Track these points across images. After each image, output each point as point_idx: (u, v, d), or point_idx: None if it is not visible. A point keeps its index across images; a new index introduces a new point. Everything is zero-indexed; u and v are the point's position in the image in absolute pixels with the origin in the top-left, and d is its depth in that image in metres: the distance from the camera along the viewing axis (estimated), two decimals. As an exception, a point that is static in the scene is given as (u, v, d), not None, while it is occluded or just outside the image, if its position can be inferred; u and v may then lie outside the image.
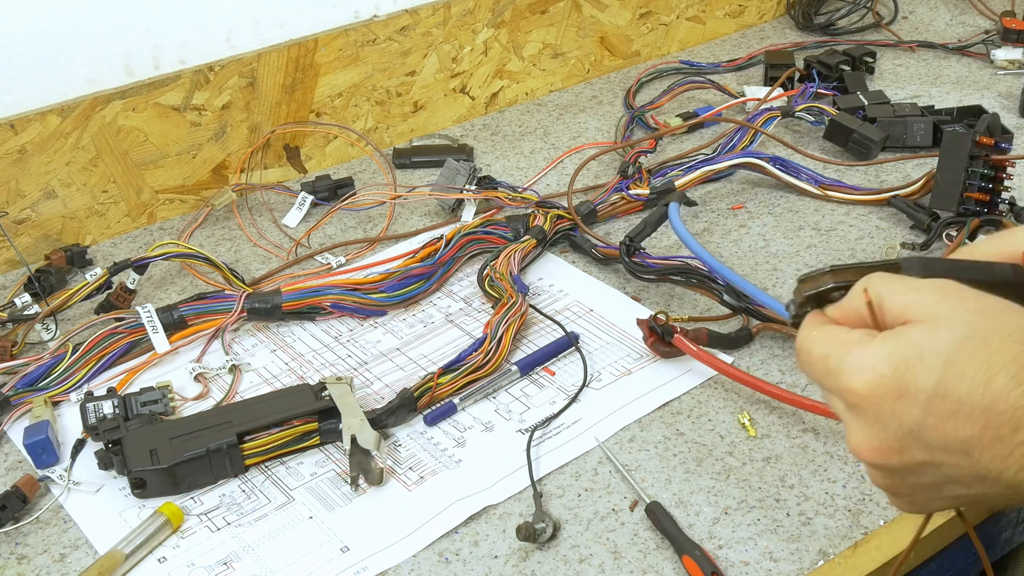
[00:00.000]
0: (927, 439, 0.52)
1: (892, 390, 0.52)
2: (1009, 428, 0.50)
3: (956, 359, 0.51)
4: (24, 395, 0.95)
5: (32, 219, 1.15)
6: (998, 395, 0.50)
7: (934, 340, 0.51)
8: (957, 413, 0.51)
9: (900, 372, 0.52)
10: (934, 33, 1.60)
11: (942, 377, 0.51)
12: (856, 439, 0.55)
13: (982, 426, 0.51)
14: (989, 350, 0.51)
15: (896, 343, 0.52)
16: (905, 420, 0.52)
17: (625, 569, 0.79)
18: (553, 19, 1.43)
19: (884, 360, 0.52)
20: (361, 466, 0.86)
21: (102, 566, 0.79)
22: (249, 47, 1.23)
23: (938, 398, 0.51)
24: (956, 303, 0.52)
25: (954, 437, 0.51)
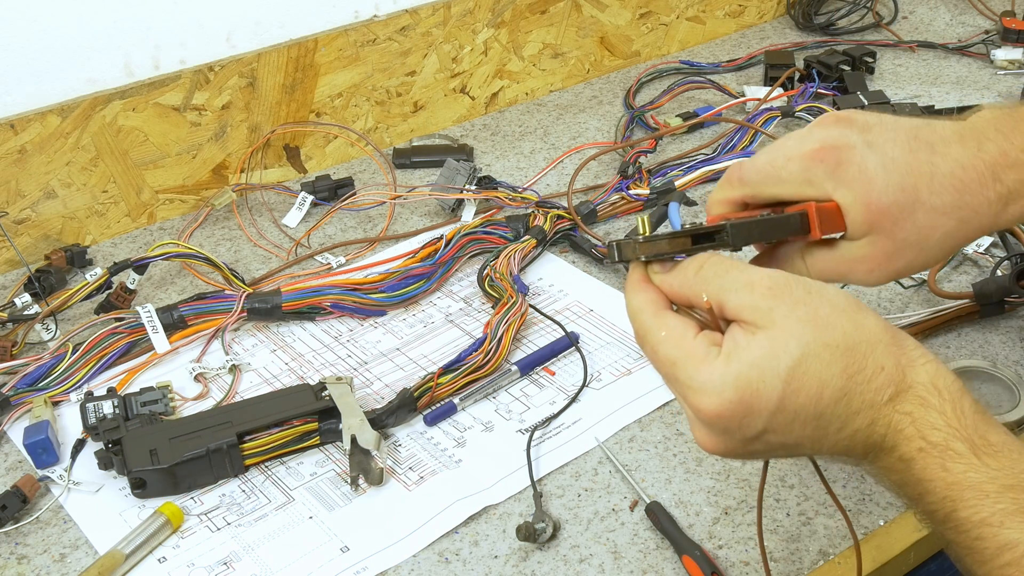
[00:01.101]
0: (766, 440, 0.58)
1: (739, 411, 0.57)
2: (835, 428, 0.58)
3: (793, 377, 0.56)
4: (24, 395, 0.95)
5: (32, 219, 1.15)
6: (828, 405, 0.57)
7: (774, 361, 0.56)
8: (794, 421, 0.57)
9: (746, 396, 0.57)
10: (934, 33, 1.60)
11: (783, 395, 0.56)
12: (702, 438, 0.61)
13: (813, 428, 0.58)
14: (820, 364, 0.56)
15: (740, 365, 0.57)
16: (749, 431, 0.58)
17: (625, 569, 0.79)
18: (553, 19, 1.43)
19: (731, 386, 0.57)
20: (361, 466, 0.86)
21: (102, 566, 0.79)
22: (249, 47, 1.23)
23: (779, 412, 0.57)
24: (789, 308, 0.57)
25: (790, 436, 0.58)
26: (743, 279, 0.58)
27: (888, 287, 1.05)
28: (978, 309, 1.00)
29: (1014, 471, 0.54)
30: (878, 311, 1.02)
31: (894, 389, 0.56)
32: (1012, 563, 0.52)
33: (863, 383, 0.56)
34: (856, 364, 0.56)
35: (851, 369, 0.56)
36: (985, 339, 0.99)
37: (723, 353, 0.58)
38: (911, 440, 0.56)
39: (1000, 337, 0.99)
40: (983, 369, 0.94)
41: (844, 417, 0.57)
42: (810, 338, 0.56)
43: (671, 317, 0.60)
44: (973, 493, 0.53)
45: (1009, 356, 0.97)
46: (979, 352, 0.97)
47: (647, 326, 0.61)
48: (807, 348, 0.56)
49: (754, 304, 0.57)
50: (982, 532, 0.53)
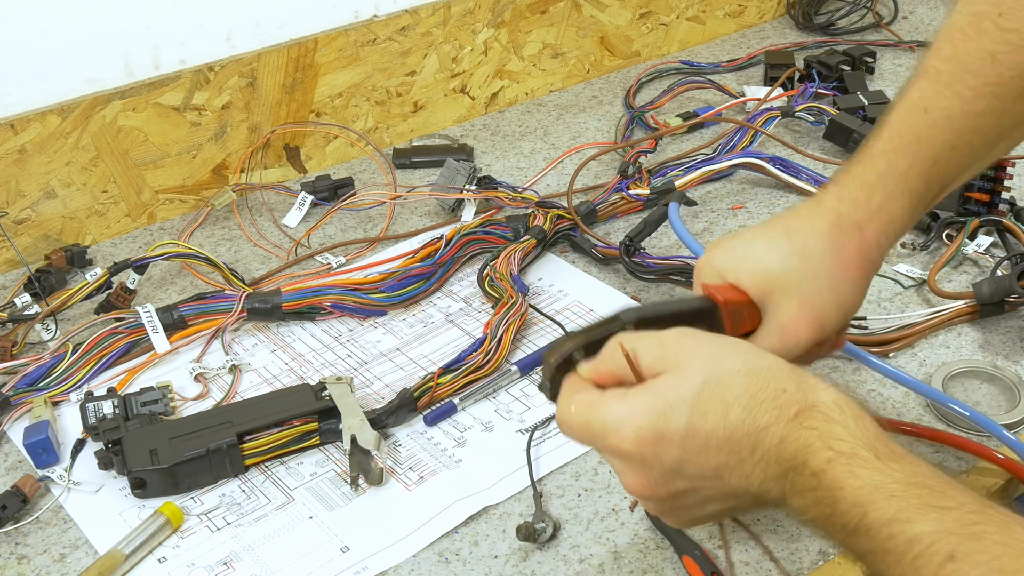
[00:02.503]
0: (686, 471, 0.61)
1: (652, 438, 0.60)
2: (748, 450, 0.59)
3: (699, 401, 0.60)
4: (24, 395, 0.95)
5: (32, 219, 1.15)
6: (736, 425, 0.59)
7: (679, 388, 0.60)
8: (707, 447, 0.60)
9: (655, 421, 0.60)
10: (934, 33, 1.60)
11: (690, 418, 0.60)
12: (628, 481, 0.63)
13: (727, 453, 0.59)
14: (723, 388, 0.60)
15: (647, 396, 0.61)
16: (666, 460, 0.60)
17: (625, 569, 0.79)
18: (553, 19, 1.43)
19: (640, 414, 0.61)
20: (361, 466, 0.86)
21: (102, 566, 0.79)
22: (249, 47, 1.23)
23: (690, 437, 0.60)
24: (693, 350, 0.62)
25: (707, 466, 0.60)
26: (653, 339, 0.63)
27: (888, 287, 1.05)
28: (978, 309, 1.00)
29: (916, 471, 0.56)
30: (878, 311, 1.02)
31: (798, 407, 0.58)
32: (921, 555, 0.52)
33: (767, 400, 0.59)
34: (758, 384, 0.60)
35: (753, 388, 0.59)
36: (985, 339, 0.99)
37: (632, 390, 0.62)
38: (819, 452, 0.57)
39: (1000, 337, 0.99)
40: (983, 369, 0.94)
41: (753, 436, 0.59)
42: (711, 366, 0.61)
43: (578, 395, 0.64)
44: (881, 494, 0.55)
45: (1009, 356, 0.97)
46: (979, 352, 0.97)
47: (561, 411, 0.65)
48: (709, 375, 0.60)
49: (663, 355, 0.62)
50: (892, 530, 0.53)
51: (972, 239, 1.09)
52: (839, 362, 0.96)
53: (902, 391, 0.93)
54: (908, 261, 1.09)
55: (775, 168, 1.22)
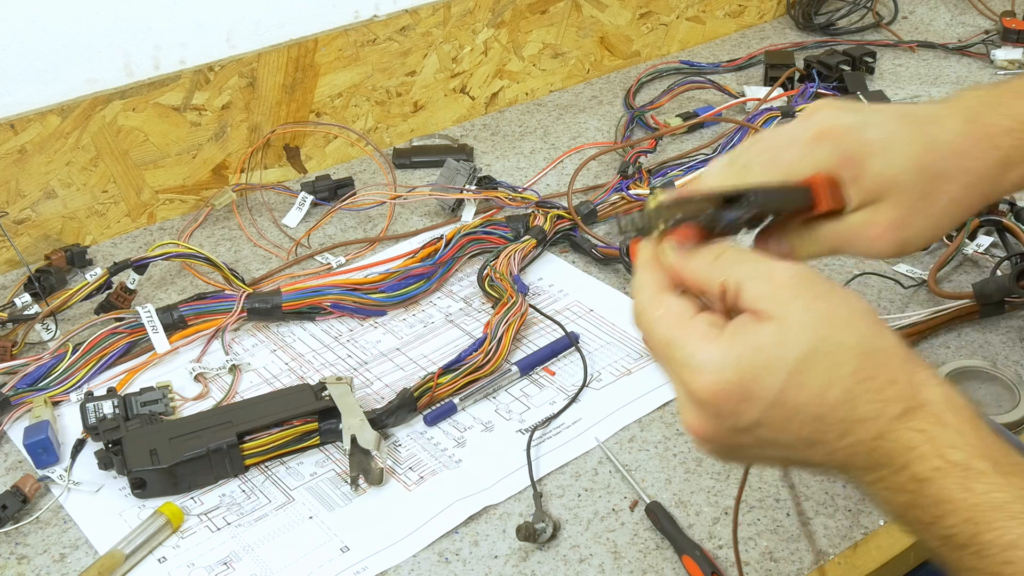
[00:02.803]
0: (758, 434, 0.55)
1: (736, 396, 0.54)
2: (835, 435, 0.54)
3: (800, 370, 0.53)
4: (24, 395, 0.95)
5: (32, 219, 1.15)
6: (831, 408, 0.54)
7: (782, 349, 0.54)
8: (792, 419, 0.54)
9: (746, 380, 0.54)
10: (934, 33, 1.60)
11: (785, 386, 0.53)
12: (690, 421, 0.57)
13: (812, 430, 0.54)
14: (829, 363, 0.53)
15: (744, 347, 0.54)
16: (742, 420, 0.55)
17: (625, 569, 0.79)
18: (553, 19, 1.43)
19: (731, 368, 0.54)
20: (361, 466, 0.86)
21: (102, 566, 0.79)
22: (249, 47, 1.23)
23: (778, 404, 0.54)
24: (807, 303, 0.54)
25: (786, 435, 0.55)
26: (762, 268, 0.56)
27: (888, 287, 1.05)
28: (978, 309, 1.00)
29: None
30: (878, 311, 1.02)
31: (905, 405, 0.53)
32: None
33: (873, 391, 0.53)
34: (868, 370, 0.54)
35: (862, 374, 0.53)
36: (985, 339, 0.99)
37: (727, 332, 0.55)
38: (926, 459, 0.52)
39: (1000, 337, 0.99)
40: (983, 369, 0.94)
41: (847, 424, 0.54)
42: (825, 334, 0.54)
43: (671, 297, 0.57)
44: (999, 514, 0.50)
45: (1009, 356, 0.97)
46: (979, 352, 0.97)
47: (645, 303, 0.58)
48: (820, 343, 0.53)
49: (772, 294, 0.55)
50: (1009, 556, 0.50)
51: (972, 239, 1.09)
52: (839, 362, 0.96)
53: (902, 391, 0.93)
54: (908, 261, 1.09)
55: (775, 168, 1.21)
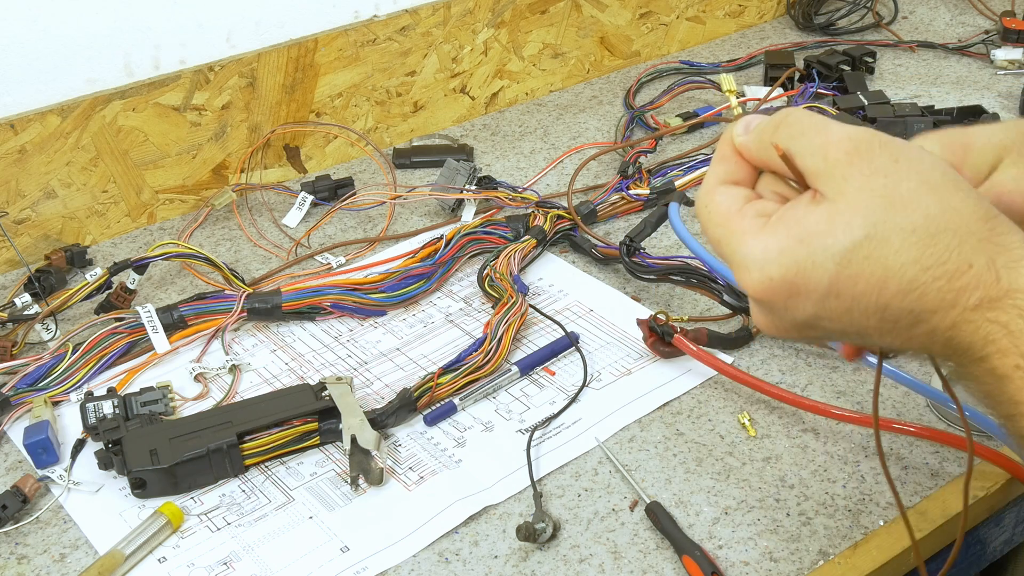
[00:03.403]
0: (822, 326, 0.52)
1: (783, 292, 0.51)
2: (906, 323, 0.50)
3: (851, 260, 0.49)
4: (24, 395, 0.95)
5: (32, 219, 1.15)
6: (893, 298, 0.49)
7: (831, 236, 0.49)
8: (852, 310, 0.50)
9: (791, 275, 0.50)
10: (934, 33, 1.60)
11: (835, 279, 0.49)
12: (755, 316, 0.55)
13: (878, 320, 0.50)
14: (887, 251, 0.48)
15: (788, 238, 0.50)
16: (798, 315, 0.52)
17: (625, 569, 0.79)
18: (553, 19, 1.43)
19: (774, 263, 0.51)
20: (361, 466, 0.86)
21: (102, 566, 0.79)
22: (249, 47, 1.23)
23: (832, 297, 0.50)
24: (862, 182, 0.49)
25: (850, 326, 0.51)
26: (818, 142, 0.51)
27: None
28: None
29: None
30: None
31: (983, 293, 0.48)
32: None
33: (942, 279, 0.48)
34: (935, 255, 0.48)
35: (927, 260, 0.48)
36: (985, 339, 0.99)
37: (771, 223, 0.51)
38: (1006, 354, 0.48)
39: (1000, 337, 0.99)
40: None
41: (916, 313, 0.49)
42: (880, 217, 0.48)
43: (721, 191, 0.54)
44: None
45: (1009, 356, 0.97)
46: (979, 352, 0.97)
47: (700, 203, 0.56)
48: (874, 229, 0.48)
49: (826, 171, 0.50)
50: None
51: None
52: (838, 362, 0.96)
53: (902, 391, 0.93)
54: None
55: (775, 168, 1.21)
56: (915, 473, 0.85)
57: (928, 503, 0.83)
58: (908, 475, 0.85)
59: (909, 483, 0.85)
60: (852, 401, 0.92)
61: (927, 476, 0.85)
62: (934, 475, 0.85)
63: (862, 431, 0.89)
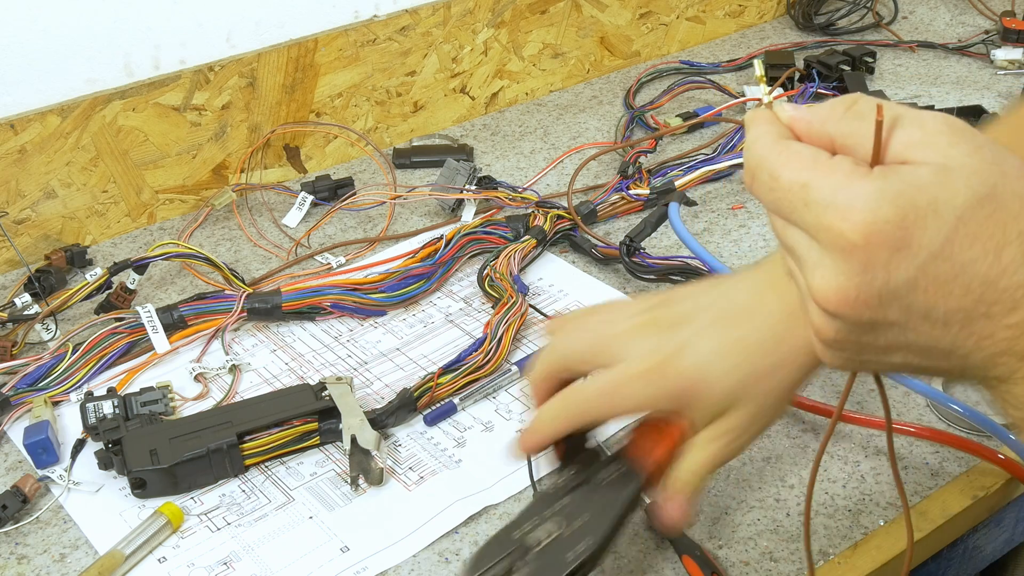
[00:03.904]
0: (911, 301, 0.46)
1: (893, 239, 0.44)
2: (1004, 307, 0.45)
3: (972, 218, 0.44)
4: (24, 395, 0.95)
5: (32, 219, 1.15)
6: (1005, 268, 0.44)
7: (950, 190, 0.44)
8: (955, 280, 0.45)
9: (908, 221, 0.44)
10: (934, 33, 1.60)
11: (952, 236, 0.44)
12: (826, 283, 0.46)
13: (975, 299, 0.45)
14: (1007, 215, 0.44)
15: (905, 184, 0.44)
16: (896, 276, 0.45)
17: (625, 569, 0.79)
18: (553, 19, 1.43)
19: (891, 203, 0.44)
20: (361, 466, 0.86)
21: (102, 566, 0.79)
22: (249, 47, 1.23)
23: (941, 259, 0.44)
24: (971, 149, 0.45)
25: (942, 305, 0.45)
26: (912, 114, 0.46)
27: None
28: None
29: None
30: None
31: None
32: None
33: None
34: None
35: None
36: (985, 339, 0.99)
37: (879, 169, 0.45)
38: None
39: (1000, 337, 0.99)
40: (983, 369, 0.94)
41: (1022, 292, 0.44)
42: (999, 181, 0.44)
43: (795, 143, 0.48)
44: None
45: (1009, 356, 0.97)
46: (979, 352, 0.97)
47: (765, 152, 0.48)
48: (994, 189, 0.44)
49: (926, 140, 0.45)
50: None
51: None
52: (839, 362, 0.96)
53: (902, 391, 0.93)
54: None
55: (775, 168, 1.21)
56: (915, 473, 0.86)
57: (928, 503, 0.83)
58: (908, 475, 0.85)
59: (909, 483, 0.85)
60: (852, 401, 0.92)
61: (927, 476, 0.85)
62: (934, 475, 0.85)
63: (862, 431, 0.89)
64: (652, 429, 0.68)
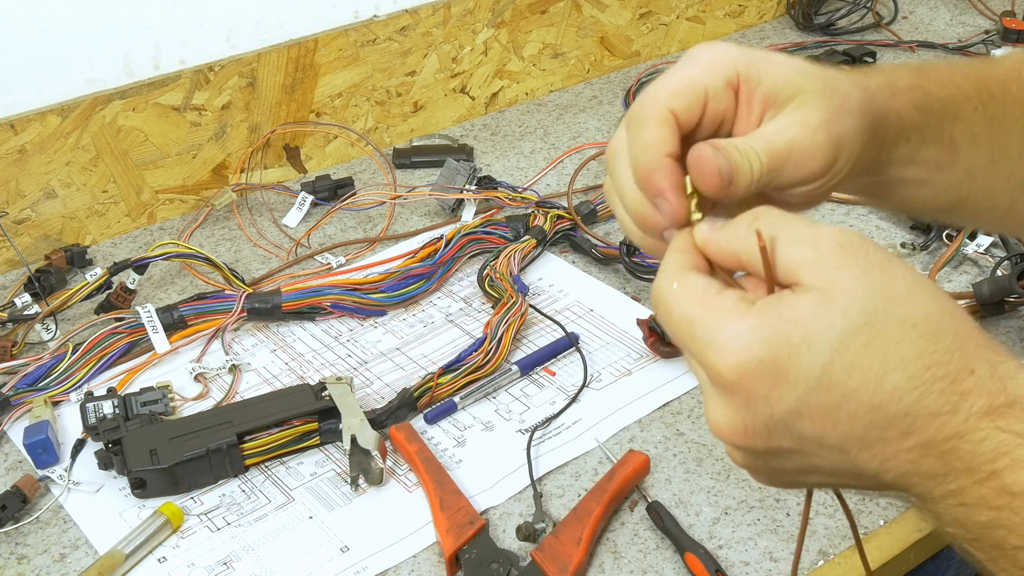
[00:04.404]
0: (800, 430, 0.46)
1: (768, 376, 0.45)
2: (897, 431, 0.45)
3: (848, 349, 0.44)
4: (24, 395, 0.95)
5: (32, 219, 1.15)
6: (890, 396, 0.44)
7: (826, 322, 0.45)
8: (839, 409, 0.45)
9: (781, 358, 0.45)
10: (934, 33, 1.60)
11: (828, 368, 0.45)
12: (717, 417, 0.48)
13: (865, 425, 0.45)
14: (887, 342, 0.44)
15: (779, 319, 0.45)
16: (778, 408, 0.46)
17: (625, 569, 0.79)
18: (553, 19, 1.43)
19: (762, 342, 0.45)
20: (361, 466, 0.86)
21: (102, 566, 0.79)
22: (249, 47, 1.23)
23: (821, 390, 0.45)
24: (858, 272, 0.45)
25: (832, 433, 0.46)
26: (808, 233, 0.47)
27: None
28: (978, 309, 1.00)
29: None
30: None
31: (988, 400, 0.44)
32: None
33: (944, 380, 0.44)
34: (937, 354, 0.44)
35: (929, 359, 0.44)
36: (985, 339, 0.99)
37: (759, 306, 0.46)
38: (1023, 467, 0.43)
39: (1000, 337, 0.99)
40: (983, 369, 0.94)
41: (913, 418, 0.44)
42: (881, 307, 0.45)
43: (693, 275, 0.50)
44: None
45: (1009, 356, 0.97)
46: (979, 352, 0.97)
47: (664, 283, 0.51)
48: (874, 317, 0.44)
49: (818, 260, 0.46)
50: None
51: (972, 239, 1.09)
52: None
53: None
54: (908, 261, 1.09)
55: (775, 168, 1.21)
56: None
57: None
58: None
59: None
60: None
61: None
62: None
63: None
64: None
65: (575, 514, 0.80)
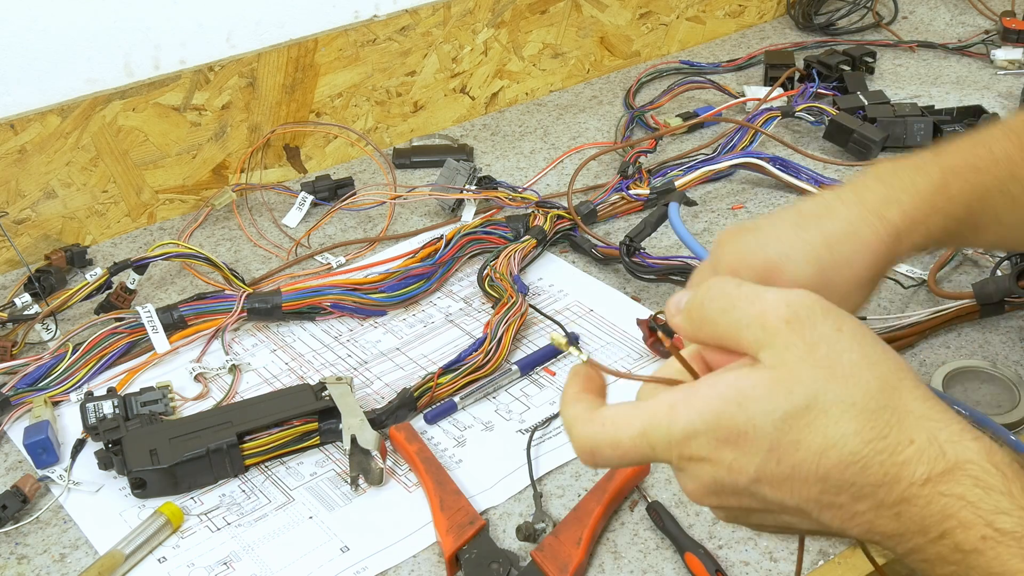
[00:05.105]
0: (763, 495, 0.51)
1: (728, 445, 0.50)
2: (848, 497, 0.49)
3: (791, 427, 0.48)
4: (24, 395, 0.95)
5: (32, 219, 1.15)
6: (834, 467, 0.48)
7: (769, 403, 0.49)
8: (791, 478, 0.49)
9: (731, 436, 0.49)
10: (934, 33, 1.60)
11: (775, 445, 0.49)
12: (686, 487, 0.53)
13: (819, 491, 0.49)
14: (827, 421, 0.48)
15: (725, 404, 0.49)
16: (740, 479, 0.50)
17: (625, 569, 0.79)
18: (553, 19, 1.43)
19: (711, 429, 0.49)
20: (361, 466, 0.86)
21: (102, 566, 0.79)
22: (249, 47, 1.23)
23: (773, 462, 0.49)
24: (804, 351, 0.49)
25: (789, 498, 0.50)
26: (754, 311, 0.51)
27: (888, 287, 1.05)
28: (978, 309, 1.00)
29: None
30: (878, 311, 1.02)
31: (929, 467, 0.48)
32: None
33: (884, 452, 0.48)
34: (875, 430, 0.48)
35: (868, 434, 0.48)
36: (985, 339, 0.99)
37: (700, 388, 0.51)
38: (969, 527, 0.47)
39: (1000, 337, 0.99)
40: (983, 369, 0.94)
41: (859, 487, 0.48)
42: (822, 388, 0.49)
43: (602, 405, 0.55)
44: None
45: (1009, 356, 0.97)
46: (979, 352, 0.97)
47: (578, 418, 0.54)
48: (814, 400, 0.48)
49: (766, 340, 0.50)
50: None
51: (972, 239, 1.09)
52: (839, 362, 0.96)
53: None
54: (908, 261, 1.09)
55: (775, 168, 1.22)
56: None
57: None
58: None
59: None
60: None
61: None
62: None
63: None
64: None
65: (575, 514, 0.80)
